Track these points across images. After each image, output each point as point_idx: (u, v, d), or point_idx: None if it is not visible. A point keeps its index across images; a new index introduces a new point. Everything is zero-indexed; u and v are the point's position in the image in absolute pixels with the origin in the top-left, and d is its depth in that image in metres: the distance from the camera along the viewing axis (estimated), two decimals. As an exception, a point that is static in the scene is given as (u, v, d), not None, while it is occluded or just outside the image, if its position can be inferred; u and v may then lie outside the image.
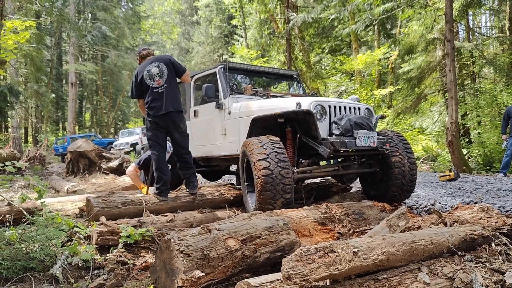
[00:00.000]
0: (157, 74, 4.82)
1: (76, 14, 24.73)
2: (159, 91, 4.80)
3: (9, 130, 26.33)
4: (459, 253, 2.85)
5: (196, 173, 7.82)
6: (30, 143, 31.39)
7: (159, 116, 4.79)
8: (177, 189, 5.75)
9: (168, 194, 4.94)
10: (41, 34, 20.35)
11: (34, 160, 15.68)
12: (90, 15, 25.06)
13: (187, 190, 5.13)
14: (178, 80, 5.08)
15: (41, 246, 3.00)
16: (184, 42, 43.68)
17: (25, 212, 3.63)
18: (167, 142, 5.26)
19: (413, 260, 2.62)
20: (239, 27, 31.87)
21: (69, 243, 3.54)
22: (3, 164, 3.76)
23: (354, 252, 2.33)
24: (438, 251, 2.77)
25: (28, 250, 2.92)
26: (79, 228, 3.72)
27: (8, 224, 3.98)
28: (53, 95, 29.49)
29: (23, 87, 19.37)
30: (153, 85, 4.80)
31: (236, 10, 29.76)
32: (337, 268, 2.21)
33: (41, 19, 23.21)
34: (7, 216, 4.20)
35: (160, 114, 4.77)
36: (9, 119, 21.67)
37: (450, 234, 2.93)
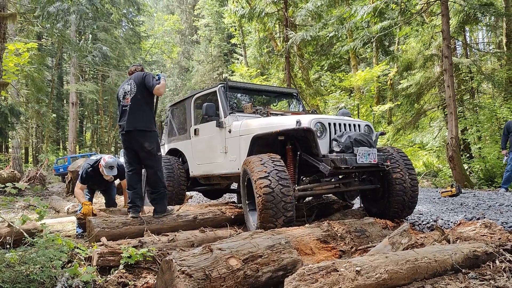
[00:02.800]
0: (128, 92, 4.81)
1: (77, 35, 24.96)
2: (123, 108, 4.80)
3: (10, 150, 26.36)
4: (463, 270, 2.83)
5: (198, 192, 7.85)
6: (31, 163, 31.40)
7: (122, 134, 4.80)
8: (178, 208, 5.72)
9: (140, 213, 4.86)
10: (42, 55, 20.56)
11: (35, 180, 15.64)
12: (90, 35, 25.30)
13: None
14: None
15: (41, 268, 2.97)
16: (184, 61, 44.04)
17: (25, 234, 3.61)
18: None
19: (416, 278, 2.60)
20: (238, 45, 32.18)
21: (69, 264, 3.51)
22: (3, 185, 3.76)
23: (357, 271, 2.31)
24: (442, 269, 2.75)
25: (28, 272, 2.89)
26: (80, 249, 3.69)
27: (8, 246, 3.96)
28: (54, 115, 29.63)
29: (24, 108, 19.45)
30: (123, 102, 4.82)
31: (236, 29, 30.10)
32: (340, 288, 2.19)
33: (42, 40, 23.47)
34: (8, 237, 4.18)
35: (124, 132, 4.75)
36: (9, 139, 21.71)
37: (454, 251, 2.91)
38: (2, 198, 3.58)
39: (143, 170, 5.13)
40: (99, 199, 9.28)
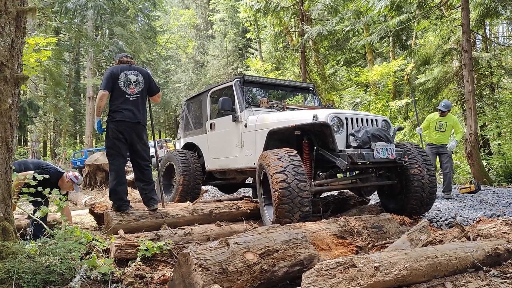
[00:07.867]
0: (134, 82, 4.75)
1: (94, 30, 25.19)
2: (131, 98, 4.72)
3: (29, 144, 26.81)
4: (484, 268, 2.78)
5: (213, 186, 7.87)
6: (49, 156, 31.88)
7: (125, 122, 4.63)
8: (194, 202, 5.75)
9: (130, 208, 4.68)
10: (60, 49, 20.80)
11: (53, 173, 15.86)
12: (107, 31, 25.46)
13: (147, 207, 4.80)
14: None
15: (60, 259, 3.00)
16: (199, 56, 44.04)
17: (45, 225, 3.65)
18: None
19: (436, 276, 2.57)
20: (253, 40, 32.05)
21: (88, 256, 3.55)
22: (23, 178, 3.81)
23: (375, 267, 2.28)
24: (462, 266, 2.71)
25: (48, 263, 2.92)
26: (98, 241, 3.72)
27: (28, 237, 4.02)
28: (71, 109, 29.98)
29: (42, 102, 19.75)
30: (126, 90, 4.71)
31: (251, 24, 29.95)
32: (358, 284, 2.17)
33: (60, 35, 23.72)
34: (28, 229, 4.25)
35: (127, 121, 4.63)
36: (28, 133, 22.07)
37: (474, 248, 2.86)
38: (24, 189, 3.64)
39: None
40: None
